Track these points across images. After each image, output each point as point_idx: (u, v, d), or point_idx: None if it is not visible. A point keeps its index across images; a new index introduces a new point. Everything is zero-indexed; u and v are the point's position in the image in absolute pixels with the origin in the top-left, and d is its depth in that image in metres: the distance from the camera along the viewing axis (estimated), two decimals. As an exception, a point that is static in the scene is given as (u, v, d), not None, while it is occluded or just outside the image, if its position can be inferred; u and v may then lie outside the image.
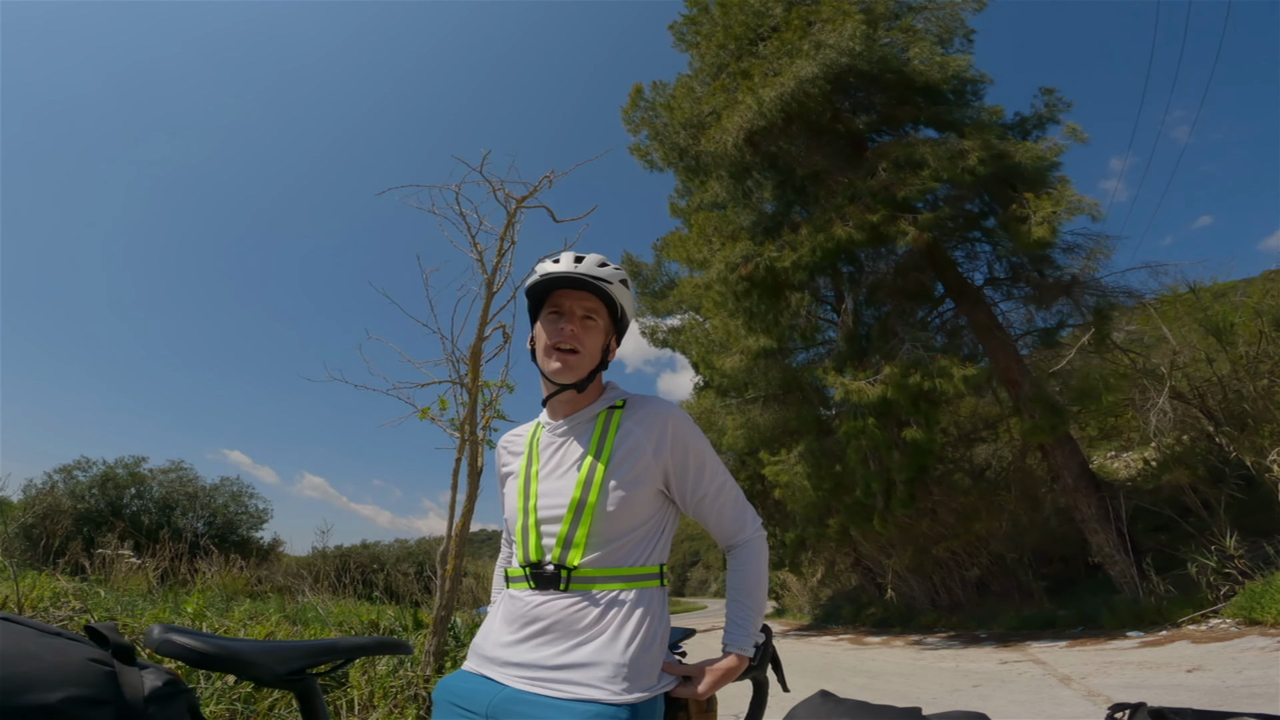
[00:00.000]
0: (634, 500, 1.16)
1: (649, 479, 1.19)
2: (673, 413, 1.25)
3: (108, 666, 0.77)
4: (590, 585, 1.12)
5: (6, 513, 12.15)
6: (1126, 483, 10.54)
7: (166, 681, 0.82)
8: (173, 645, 0.88)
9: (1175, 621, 6.73)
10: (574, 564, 1.13)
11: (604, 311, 1.27)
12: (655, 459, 1.20)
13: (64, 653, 0.75)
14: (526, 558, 1.17)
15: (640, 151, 13.43)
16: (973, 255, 11.27)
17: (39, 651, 0.73)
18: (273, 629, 4.10)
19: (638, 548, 1.17)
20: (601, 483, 1.16)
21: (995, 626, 9.53)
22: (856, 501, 10.20)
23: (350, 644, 1.10)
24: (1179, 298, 9.31)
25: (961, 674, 6.39)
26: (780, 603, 22.00)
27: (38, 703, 0.68)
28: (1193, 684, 4.48)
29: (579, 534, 1.14)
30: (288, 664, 0.98)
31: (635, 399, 1.29)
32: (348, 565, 9.20)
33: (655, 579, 1.17)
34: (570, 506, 1.16)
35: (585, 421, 1.26)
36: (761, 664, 1.22)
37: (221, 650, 0.90)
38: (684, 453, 1.21)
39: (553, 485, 1.21)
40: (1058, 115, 10.54)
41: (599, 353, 1.27)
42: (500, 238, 4.11)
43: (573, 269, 1.22)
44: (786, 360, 11.96)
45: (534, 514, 1.19)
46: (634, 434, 1.21)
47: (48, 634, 0.77)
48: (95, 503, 14.39)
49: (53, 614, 3.58)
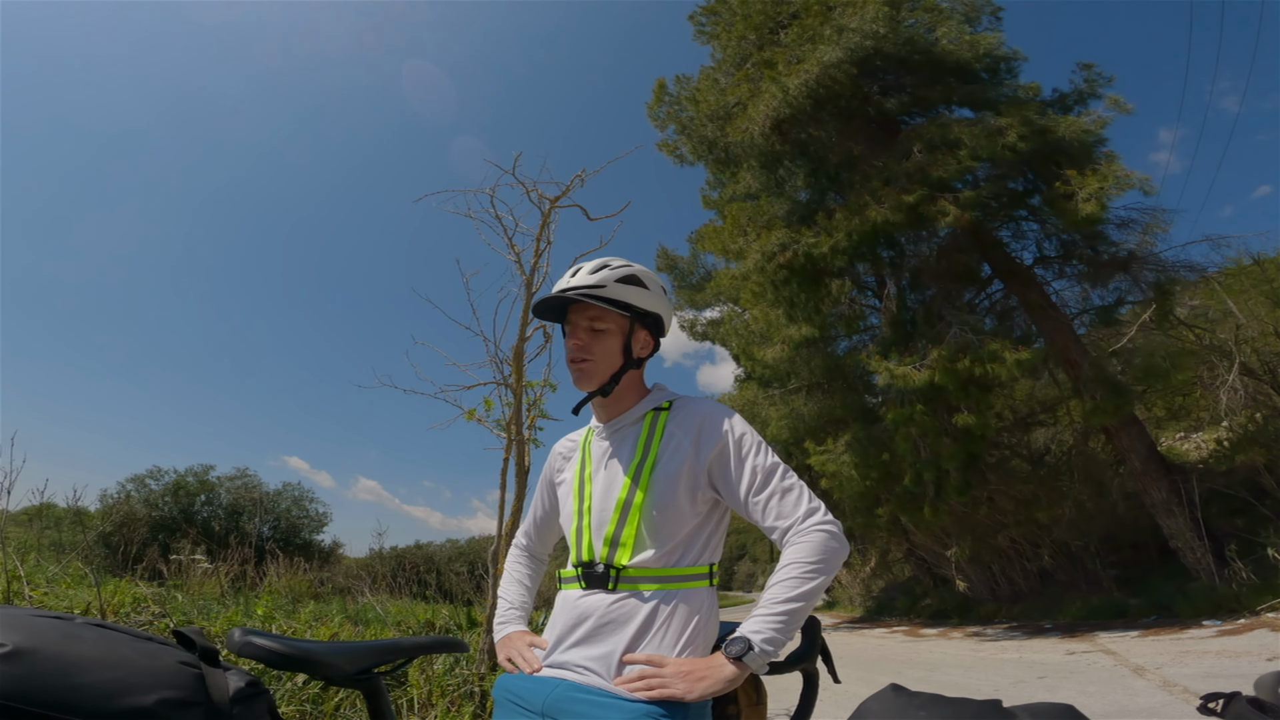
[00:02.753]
0: (679, 500, 1.16)
1: (693, 479, 1.18)
2: (715, 409, 1.24)
3: (196, 669, 0.81)
4: (639, 585, 1.13)
5: (85, 521, 12.86)
6: (1198, 465, 10.01)
7: (249, 683, 0.86)
8: (253, 647, 0.93)
9: (1254, 609, 6.39)
10: (622, 564, 1.14)
11: (611, 315, 1.27)
12: (698, 458, 1.18)
13: (156, 657, 0.78)
14: (579, 558, 1.19)
15: (669, 147, 13.40)
16: (1020, 234, 10.88)
17: (134, 656, 0.76)
18: (337, 629, 4.26)
19: (686, 548, 1.17)
20: (647, 483, 1.17)
21: (1061, 617, 9.17)
22: (906, 490, 9.97)
23: (412, 643, 1.14)
24: (1243, 270, 8.82)
25: (1025, 665, 6.18)
26: (830, 595, 21.66)
27: (134, 706, 0.71)
28: (1277, 674, 4.22)
29: (626, 534, 1.15)
30: (357, 664, 1.02)
31: (681, 400, 1.29)
32: (403, 565, 9.49)
33: (704, 579, 1.16)
34: (617, 507, 1.17)
35: (632, 423, 1.28)
36: (810, 655, 1.19)
37: (297, 651, 0.95)
38: (725, 446, 1.19)
39: (603, 487, 1.22)
40: (1099, 90, 10.09)
41: (617, 355, 1.27)
42: (536, 238, 4.15)
43: (565, 284, 1.26)
44: (829, 348, 11.77)
45: (588, 515, 1.21)
46: (677, 435, 1.22)
47: (140, 639, 0.81)
48: (169, 510, 15.15)
49: (134, 618, 3.79)
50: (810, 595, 1.06)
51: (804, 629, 1.21)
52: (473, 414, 4.22)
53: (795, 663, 1.18)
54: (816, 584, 1.06)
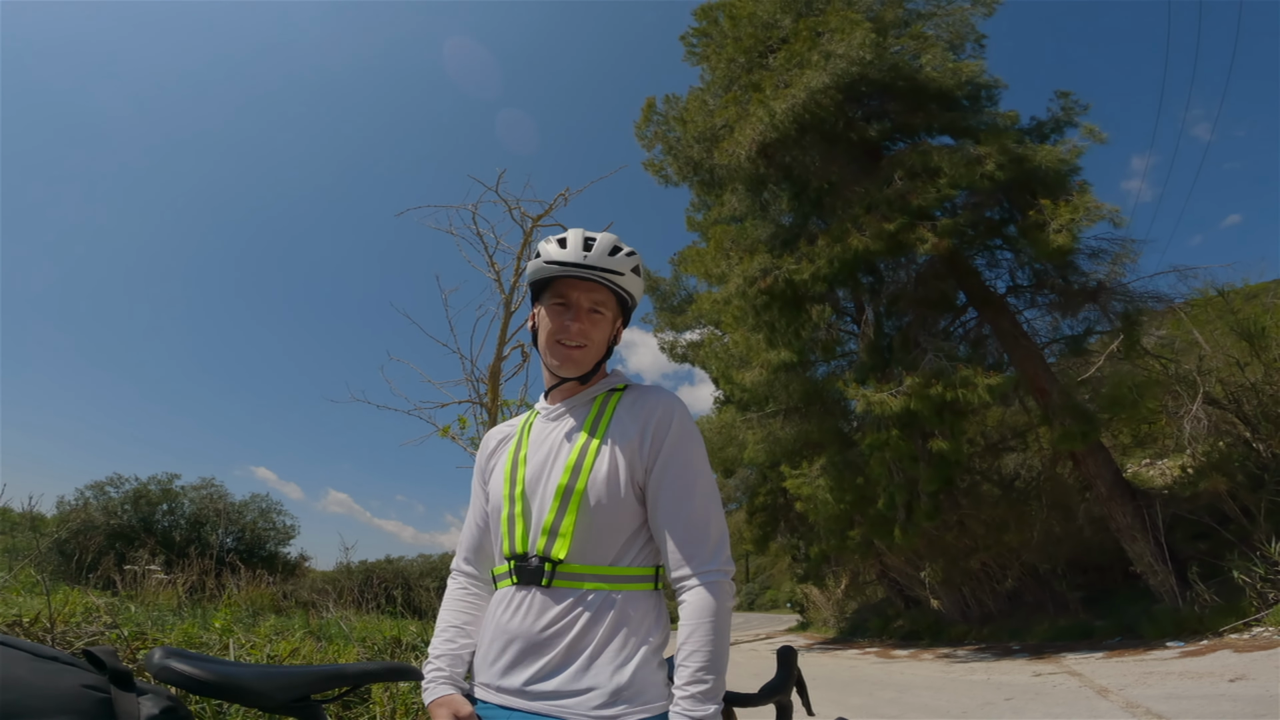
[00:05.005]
0: (621, 490, 1.07)
1: (632, 471, 1.09)
2: (670, 402, 1.14)
3: (102, 693, 0.76)
4: (578, 583, 1.03)
5: (40, 528, 12.38)
6: (1163, 490, 10.25)
7: (165, 709, 0.80)
8: (171, 672, 0.84)
9: (1217, 630, 6.52)
10: (559, 557, 1.04)
11: (612, 302, 1.19)
12: (640, 449, 1.09)
13: (57, 678, 0.72)
14: (511, 549, 1.09)
15: (655, 167, 13.53)
16: (994, 263, 11.13)
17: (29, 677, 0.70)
18: (297, 644, 4.13)
19: (629, 544, 1.08)
20: (590, 468, 1.07)
21: (1028, 638, 9.28)
22: (879, 513, 10.05)
23: (357, 670, 1.04)
24: (1209, 301, 9.10)
25: (993, 686, 6.22)
26: (805, 616, 21.63)
27: None
28: (1236, 693, 4.32)
29: (565, 523, 1.05)
30: (290, 691, 0.94)
31: (636, 386, 1.20)
32: (371, 580, 9.28)
33: (650, 581, 1.08)
34: (557, 493, 1.07)
35: (582, 405, 1.19)
36: (785, 686, 1.15)
37: (222, 678, 0.86)
38: (664, 448, 1.09)
39: (540, 471, 1.11)
40: (1075, 119, 10.40)
41: (605, 344, 1.19)
42: (517, 257, 4.15)
43: (581, 259, 1.12)
44: (807, 373, 11.87)
45: (520, 501, 1.10)
46: (625, 420, 1.13)
47: (42, 658, 0.75)
48: (128, 519, 14.68)
49: (84, 629, 3.64)
50: (725, 650, 1.00)
51: (780, 659, 1.17)
52: (447, 431, 4.18)
53: (770, 694, 1.14)
54: (726, 638, 1.01)
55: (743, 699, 1.11)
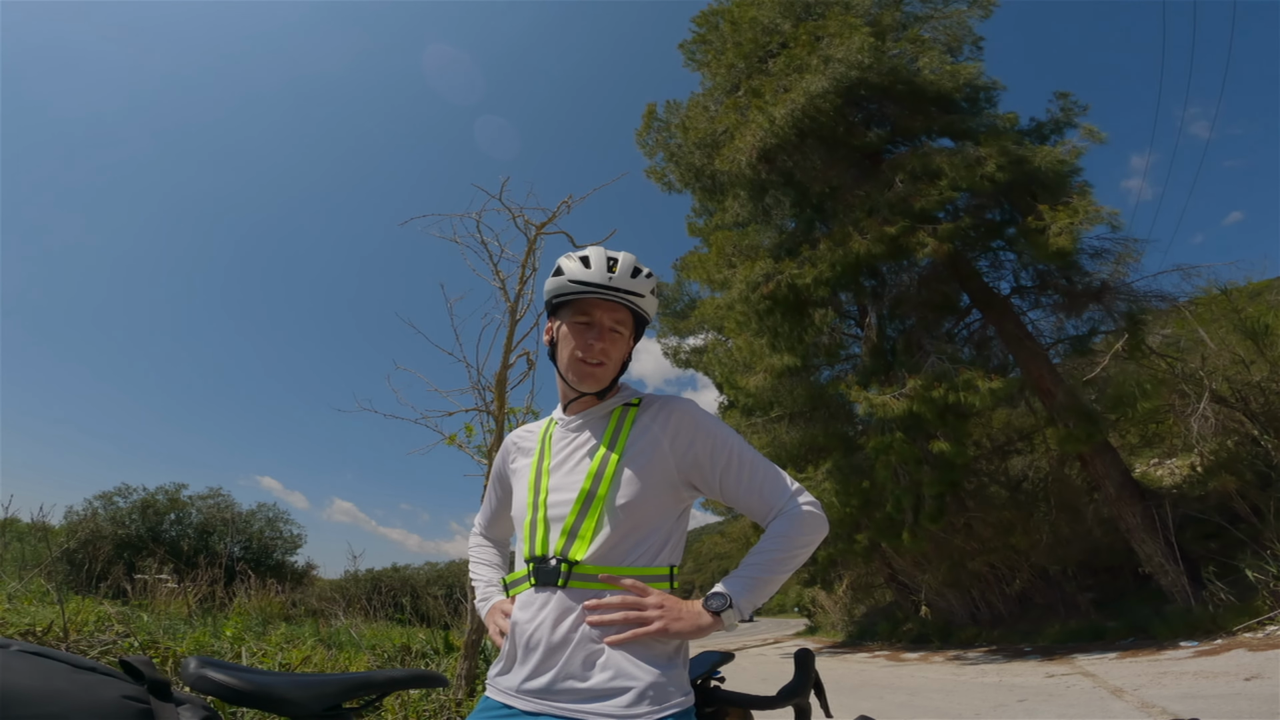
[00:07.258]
0: (645, 495, 1.11)
1: (665, 474, 1.14)
2: (685, 404, 1.23)
3: (142, 703, 0.76)
4: (595, 584, 1.07)
5: (49, 538, 12.45)
6: (1172, 490, 10.19)
7: (203, 718, 0.80)
8: (208, 681, 0.85)
9: (1230, 630, 6.46)
10: (577, 558, 1.08)
11: (631, 321, 1.24)
12: (672, 453, 1.15)
13: (96, 689, 0.72)
14: (531, 552, 1.13)
15: (657, 174, 13.57)
16: (997, 264, 11.12)
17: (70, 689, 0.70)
18: (309, 653, 4.15)
19: (646, 545, 1.12)
20: (613, 475, 1.12)
21: (1039, 640, 9.20)
22: (886, 517, 10.00)
23: (385, 677, 1.06)
24: (1213, 299, 9.06)
25: (1005, 688, 6.17)
26: (813, 620, 21.53)
27: None
28: (1252, 692, 4.29)
29: (585, 526, 1.10)
30: (323, 700, 0.94)
31: (651, 397, 1.26)
32: (379, 588, 9.29)
33: (665, 581, 1.11)
34: (579, 498, 1.12)
35: (599, 417, 1.24)
36: (804, 689, 1.16)
37: (257, 687, 0.87)
38: (703, 438, 1.17)
39: (563, 479, 1.17)
40: (1074, 119, 10.39)
41: (621, 361, 1.25)
42: (521, 265, 4.19)
43: (606, 280, 1.17)
44: (811, 377, 11.84)
45: (543, 508, 1.15)
46: (650, 429, 1.18)
47: (81, 669, 0.75)
48: (136, 529, 14.69)
49: (97, 638, 3.67)
50: (791, 567, 1.12)
51: (798, 662, 1.18)
52: (453, 439, 4.20)
53: (788, 697, 1.15)
54: (798, 559, 1.13)
55: (761, 701, 1.13)
